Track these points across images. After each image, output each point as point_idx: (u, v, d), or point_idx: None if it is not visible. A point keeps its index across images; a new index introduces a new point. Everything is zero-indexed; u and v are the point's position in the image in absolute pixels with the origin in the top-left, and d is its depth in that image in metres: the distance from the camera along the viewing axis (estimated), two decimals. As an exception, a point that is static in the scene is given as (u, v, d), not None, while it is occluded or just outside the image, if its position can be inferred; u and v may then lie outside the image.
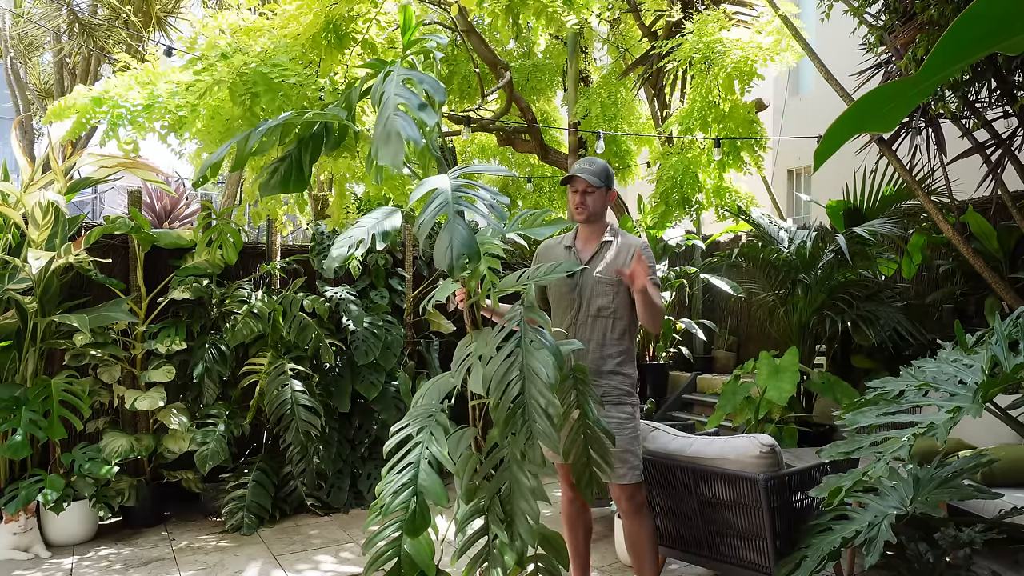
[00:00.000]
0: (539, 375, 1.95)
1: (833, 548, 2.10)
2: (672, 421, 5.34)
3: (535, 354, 1.99)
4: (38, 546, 4.02)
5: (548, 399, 1.93)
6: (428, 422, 2.01)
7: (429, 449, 1.92)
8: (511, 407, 1.94)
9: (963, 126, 4.23)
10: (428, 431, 1.98)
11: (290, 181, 2.15)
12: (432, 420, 2.02)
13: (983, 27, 0.82)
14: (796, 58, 5.49)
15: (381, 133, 1.80)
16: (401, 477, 1.88)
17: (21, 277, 4.14)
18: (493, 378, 1.98)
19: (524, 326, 2.06)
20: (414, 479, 1.86)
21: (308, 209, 6.63)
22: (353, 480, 5.03)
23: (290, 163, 2.17)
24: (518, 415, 1.93)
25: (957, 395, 1.90)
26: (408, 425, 2.03)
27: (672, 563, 3.64)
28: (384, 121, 1.81)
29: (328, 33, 4.00)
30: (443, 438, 1.98)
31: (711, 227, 7.78)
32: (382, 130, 1.80)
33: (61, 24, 7.62)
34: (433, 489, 1.86)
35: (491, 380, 1.98)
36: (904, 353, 4.70)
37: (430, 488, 1.86)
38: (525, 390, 1.94)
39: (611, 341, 2.78)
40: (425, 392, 2.18)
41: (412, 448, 1.94)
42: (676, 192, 5.69)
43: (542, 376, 1.94)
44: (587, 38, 6.74)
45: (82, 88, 3.63)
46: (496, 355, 2.01)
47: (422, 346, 5.77)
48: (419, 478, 1.85)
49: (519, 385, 1.95)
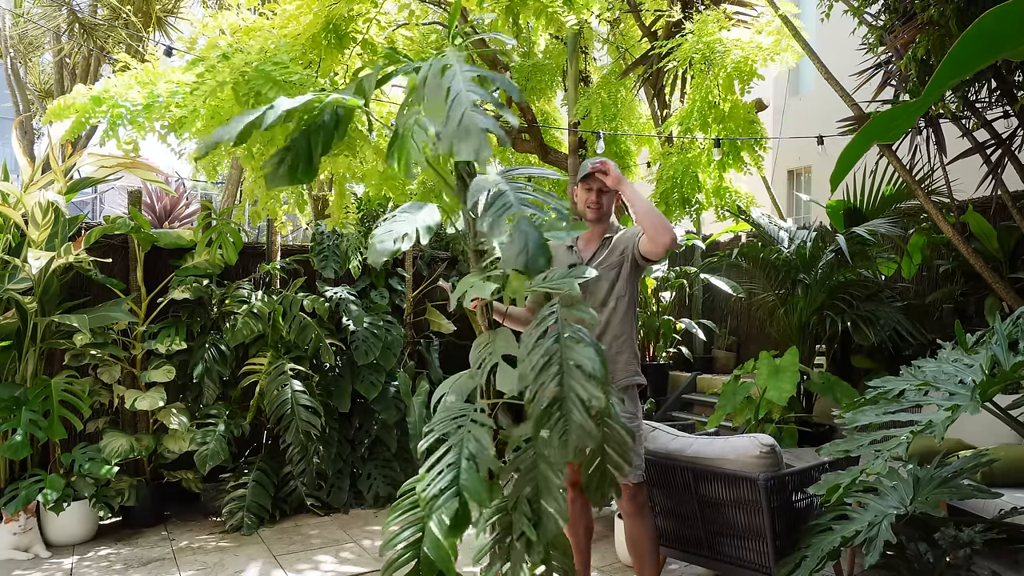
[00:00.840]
0: (582, 368, 1.92)
1: (833, 548, 2.10)
2: (672, 421, 5.35)
3: (575, 348, 1.97)
4: (38, 546, 4.02)
5: (590, 392, 1.90)
6: (463, 422, 2.00)
7: (468, 448, 1.91)
8: (548, 402, 1.91)
9: (963, 126, 4.23)
10: (465, 430, 1.97)
11: (297, 171, 2.08)
12: (467, 419, 2.01)
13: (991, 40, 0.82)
14: (796, 58, 5.48)
15: (457, 129, 1.78)
16: (441, 479, 1.85)
17: (21, 277, 4.14)
18: (530, 373, 1.94)
19: (562, 321, 2.05)
20: (456, 479, 1.84)
21: (308, 209, 6.63)
22: (353, 480, 5.03)
23: (297, 152, 2.09)
24: (554, 409, 1.90)
25: (957, 394, 1.90)
26: (440, 423, 2.01)
27: (672, 563, 3.64)
28: (460, 116, 1.79)
29: (328, 33, 4.00)
30: (485, 437, 1.97)
31: (711, 227, 7.78)
32: (457, 126, 1.78)
33: (61, 24, 7.62)
34: (475, 489, 1.85)
35: (528, 375, 1.95)
36: (904, 353, 4.70)
37: (472, 488, 1.84)
38: (564, 383, 1.91)
39: (612, 339, 2.79)
40: (446, 392, 2.15)
41: (451, 447, 1.92)
42: (676, 192, 5.68)
43: (586, 368, 1.92)
44: (587, 38, 6.73)
45: (82, 88, 3.63)
46: (533, 350, 1.98)
47: (422, 346, 5.77)
48: (460, 478, 1.84)
49: (557, 380, 1.92)
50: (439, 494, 1.82)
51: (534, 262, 1.80)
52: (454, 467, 1.85)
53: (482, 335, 2.25)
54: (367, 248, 1.93)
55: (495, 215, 1.87)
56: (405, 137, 1.97)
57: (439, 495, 1.82)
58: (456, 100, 1.84)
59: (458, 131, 1.77)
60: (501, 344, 2.13)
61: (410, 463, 5.17)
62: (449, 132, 1.80)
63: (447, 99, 1.87)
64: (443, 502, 1.80)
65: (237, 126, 1.96)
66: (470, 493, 1.83)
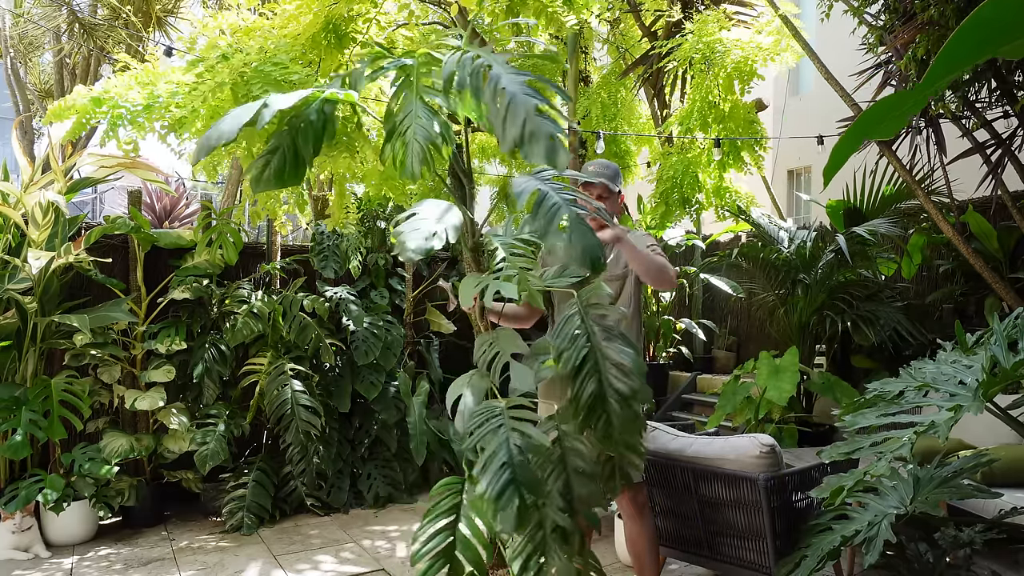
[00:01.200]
0: (619, 365, 2.02)
1: (833, 547, 2.10)
2: (672, 421, 5.34)
3: (609, 345, 2.05)
4: (38, 546, 4.03)
5: (630, 386, 2.00)
6: (501, 420, 2.01)
7: (515, 445, 1.93)
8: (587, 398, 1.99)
9: (963, 126, 4.23)
10: (506, 428, 1.98)
11: (284, 173, 1.98)
12: (504, 418, 2.01)
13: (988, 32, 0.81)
14: (796, 58, 5.49)
15: (523, 133, 1.81)
16: (496, 480, 1.86)
17: (21, 277, 4.14)
18: (568, 371, 2.01)
19: (588, 321, 2.09)
20: (513, 478, 1.86)
21: (308, 209, 6.63)
22: (353, 480, 5.03)
23: (283, 154, 2.00)
24: (597, 406, 1.98)
25: (957, 395, 1.90)
26: (478, 427, 2.01)
27: (672, 563, 3.64)
28: (522, 122, 1.82)
29: (328, 33, 4.00)
30: (529, 429, 1.99)
31: (711, 227, 7.77)
32: (522, 130, 1.81)
33: (61, 24, 7.62)
34: (532, 483, 1.88)
35: (565, 363, 2.01)
36: (904, 353, 4.70)
37: (529, 483, 1.88)
38: (603, 380, 2.00)
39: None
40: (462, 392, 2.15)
41: (498, 448, 1.92)
42: (676, 192, 5.69)
43: (623, 365, 2.02)
44: (587, 38, 6.73)
45: (82, 88, 3.63)
46: (569, 347, 2.04)
47: (422, 346, 5.77)
48: (517, 477, 1.87)
49: (595, 378, 2.00)
50: (500, 494, 1.84)
51: (596, 260, 1.90)
52: (506, 466, 1.88)
53: (483, 335, 2.25)
54: (396, 245, 1.91)
55: (547, 217, 1.91)
56: (400, 135, 1.95)
57: (500, 495, 1.84)
58: (514, 103, 1.85)
59: (524, 137, 1.81)
60: (506, 343, 2.14)
61: (410, 463, 5.18)
62: (512, 137, 1.83)
63: (502, 101, 1.88)
64: (505, 502, 1.83)
65: (233, 125, 1.91)
66: (528, 488, 1.86)
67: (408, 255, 1.82)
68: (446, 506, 2.06)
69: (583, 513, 2.01)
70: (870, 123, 0.96)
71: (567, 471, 2.02)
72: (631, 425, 2.02)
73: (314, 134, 2.03)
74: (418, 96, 2.00)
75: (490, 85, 1.91)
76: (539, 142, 1.78)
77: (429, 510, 2.05)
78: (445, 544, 1.99)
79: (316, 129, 2.03)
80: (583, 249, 1.88)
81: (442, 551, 1.99)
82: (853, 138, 0.98)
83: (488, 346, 2.18)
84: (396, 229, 1.89)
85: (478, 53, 2.00)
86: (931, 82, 0.88)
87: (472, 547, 2.01)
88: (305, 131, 2.02)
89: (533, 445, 1.93)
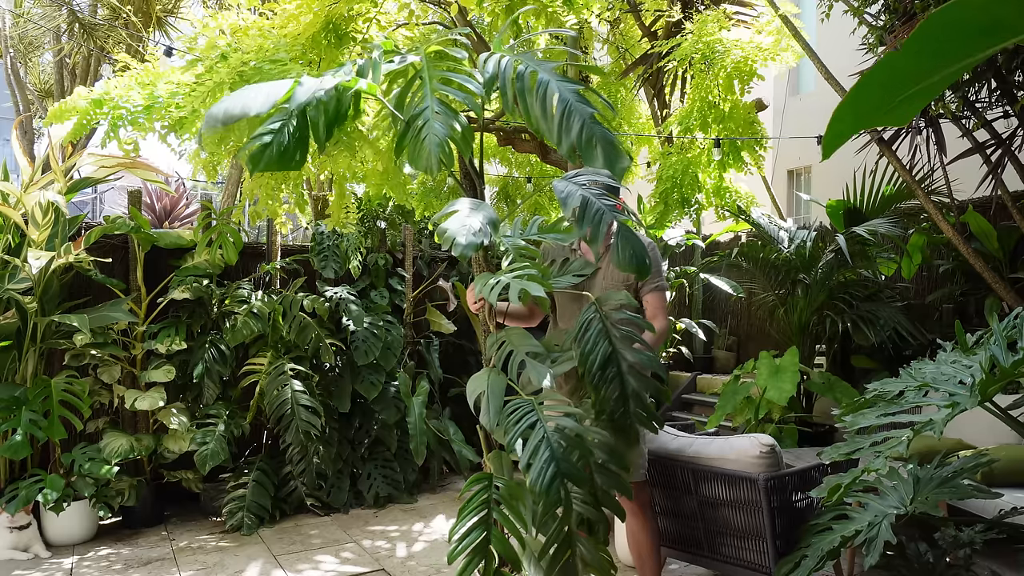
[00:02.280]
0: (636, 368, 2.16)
1: (833, 547, 2.10)
2: (672, 421, 5.34)
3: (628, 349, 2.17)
4: (38, 546, 4.03)
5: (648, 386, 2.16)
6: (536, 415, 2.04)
7: (554, 439, 1.98)
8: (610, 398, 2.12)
9: (963, 126, 4.23)
10: (542, 423, 2.03)
11: (287, 155, 1.76)
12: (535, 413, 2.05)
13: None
14: (796, 58, 5.49)
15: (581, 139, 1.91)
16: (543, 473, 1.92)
17: (21, 277, 4.14)
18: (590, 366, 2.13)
19: (607, 323, 2.19)
20: (558, 471, 1.92)
21: (308, 209, 6.63)
22: (353, 480, 5.03)
23: (287, 132, 1.79)
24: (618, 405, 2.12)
25: (957, 395, 1.90)
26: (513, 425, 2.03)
27: (672, 563, 3.64)
28: (580, 128, 1.92)
29: (328, 33, 4.00)
30: (564, 421, 2.06)
31: (711, 227, 7.77)
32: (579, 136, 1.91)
33: (61, 24, 7.62)
34: (575, 473, 1.95)
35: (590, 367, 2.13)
36: (904, 353, 4.70)
37: (573, 474, 1.95)
38: (626, 382, 2.14)
39: None
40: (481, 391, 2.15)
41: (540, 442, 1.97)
42: (676, 192, 5.68)
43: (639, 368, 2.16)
44: (587, 38, 6.73)
45: (82, 90, 3.63)
46: (591, 346, 2.15)
47: (422, 346, 5.77)
48: (561, 468, 1.93)
49: (618, 380, 2.13)
50: (549, 485, 1.90)
51: (643, 263, 2.06)
52: (550, 460, 1.93)
53: (493, 334, 2.27)
54: (443, 240, 1.93)
55: (594, 223, 2.02)
56: (416, 131, 1.95)
57: (549, 487, 1.90)
58: (571, 111, 1.94)
59: (583, 142, 1.91)
60: (518, 341, 2.18)
61: (410, 463, 5.17)
62: (570, 141, 1.93)
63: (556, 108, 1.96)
64: (555, 492, 1.90)
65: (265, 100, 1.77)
66: (572, 478, 1.94)
67: (462, 251, 1.87)
68: (477, 502, 2.08)
69: (609, 505, 2.10)
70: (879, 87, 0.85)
71: (591, 464, 2.08)
72: (647, 423, 2.16)
73: (326, 115, 1.87)
74: (434, 92, 2.02)
75: (539, 91, 2.00)
76: (598, 147, 1.90)
77: (463, 506, 2.07)
78: (480, 539, 2.01)
79: (329, 111, 1.88)
80: (632, 254, 2.03)
81: (478, 546, 2.01)
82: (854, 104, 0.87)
83: (500, 345, 2.20)
84: (441, 227, 1.93)
85: (519, 58, 2.08)
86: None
87: (505, 542, 2.04)
88: (318, 109, 1.86)
89: (570, 437, 2.00)
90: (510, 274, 2.10)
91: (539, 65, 2.04)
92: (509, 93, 2.02)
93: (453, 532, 2.04)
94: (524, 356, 2.13)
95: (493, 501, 2.07)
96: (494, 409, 2.04)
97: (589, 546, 2.05)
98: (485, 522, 2.03)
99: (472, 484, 2.13)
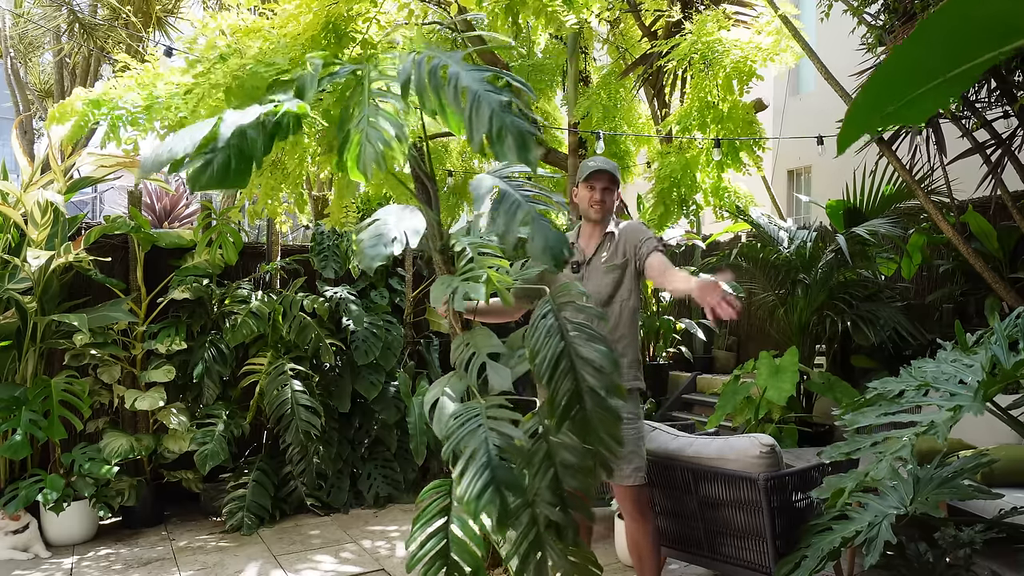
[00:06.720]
0: (592, 362, 2.01)
1: (833, 548, 2.10)
2: (672, 421, 5.34)
3: (584, 345, 2.04)
4: (38, 546, 4.02)
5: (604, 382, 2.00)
6: (479, 421, 2.00)
7: (493, 444, 1.93)
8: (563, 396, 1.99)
9: (963, 126, 4.23)
10: (484, 428, 1.98)
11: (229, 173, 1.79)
12: (481, 418, 2.01)
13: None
14: (796, 58, 5.48)
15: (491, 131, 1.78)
16: (476, 480, 1.87)
17: (21, 277, 4.14)
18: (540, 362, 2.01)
19: (561, 319, 2.08)
20: (492, 478, 1.87)
21: (308, 209, 6.62)
22: (353, 480, 5.03)
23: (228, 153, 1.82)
24: (574, 403, 1.98)
25: (957, 395, 1.90)
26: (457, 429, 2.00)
27: (672, 563, 3.63)
28: (488, 119, 1.79)
29: (328, 33, 3.99)
30: (507, 427, 2.00)
31: (711, 227, 7.78)
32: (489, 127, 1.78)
33: (61, 24, 7.62)
34: (512, 482, 1.89)
35: (540, 363, 2.01)
36: (904, 353, 4.70)
37: (509, 481, 1.89)
38: (578, 377, 2.00)
39: (615, 341, 2.77)
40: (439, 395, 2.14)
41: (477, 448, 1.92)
42: (674, 192, 5.68)
43: (596, 363, 2.01)
44: (587, 38, 6.73)
45: (82, 91, 3.62)
46: (543, 347, 2.03)
47: (422, 346, 5.77)
48: (496, 475, 1.88)
49: (571, 377, 2.00)
50: (480, 494, 1.84)
51: (559, 255, 1.90)
52: (485, 466, 1.88)
53: (459, 336, 2.25)
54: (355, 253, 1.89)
55: (507, 215, 1.90)
56: (356, 140, 1.91)
57: (480, 495, 1.84)
58: (478, 101, 1.82)
59: (493, 134, 1.79)
60: (482, 343, 2.14)
61: (410, 463, 5.17)
62: (480, 135, 1.81)
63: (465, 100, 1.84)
64: (486, 502, 1.83)
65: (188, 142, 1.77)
66: (508, 487, 1.87)
67: (367, 263, 1.82)
68: (436, 509, 2.06)
69: (576, 506, 2.02)
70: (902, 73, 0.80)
71: (555, 466, 2.02)
72: (607, 420, 2.01)
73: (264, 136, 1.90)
74: (369, 99, 1.97)
75: (450, 85, 1.89)
76: (508, 138, 1.77)
77: (419, 515, 2.05)
78: (440, 547, 1.99)
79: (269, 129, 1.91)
80: (543, 247, 1.88)
81: (437, 553, 1.99)
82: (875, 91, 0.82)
83: (464, 347, 2.18)
84: (357, 237, 1.90)
85: (431, 53, 1.97)
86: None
87: (467, 548, 2.01)
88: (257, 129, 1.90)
89: (512, 445, 1.93)
90: (459, 277, 2.08)
91: (449, 57, 1.95)
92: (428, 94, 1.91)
93: (409, 541, 2.02)
94: (485, 358, 2.09)
95: (455, 508, 2.03)
96: (440, 417, 2.03)
97: (558, 550, 2.01)
98: (444, 529, 2.01)
99: (430, 492, 2.12)
